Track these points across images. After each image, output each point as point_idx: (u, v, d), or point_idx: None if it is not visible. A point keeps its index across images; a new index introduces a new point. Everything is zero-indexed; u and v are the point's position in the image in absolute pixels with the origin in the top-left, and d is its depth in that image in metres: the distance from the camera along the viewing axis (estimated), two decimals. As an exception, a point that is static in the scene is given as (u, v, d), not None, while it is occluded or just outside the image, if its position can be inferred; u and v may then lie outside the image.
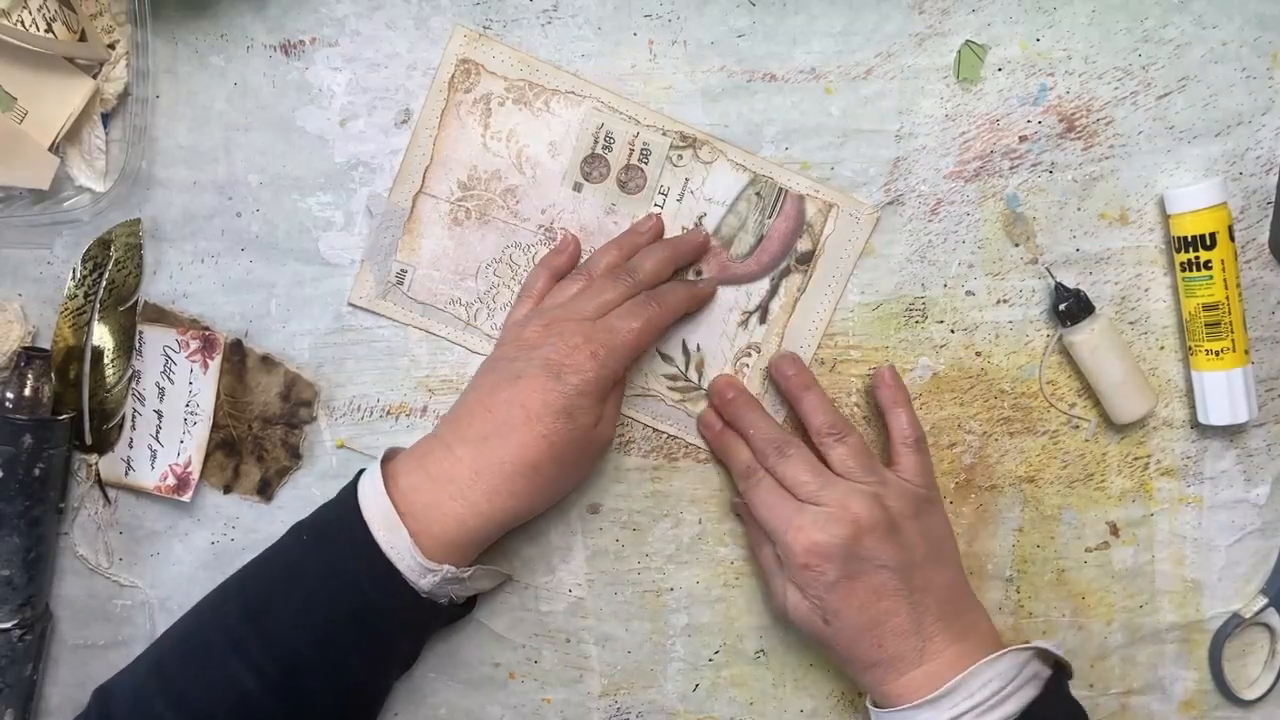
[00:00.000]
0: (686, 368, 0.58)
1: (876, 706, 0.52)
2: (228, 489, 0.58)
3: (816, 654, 0.59)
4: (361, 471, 0.52)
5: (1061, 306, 0.56)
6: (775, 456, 0.53)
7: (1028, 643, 0.51)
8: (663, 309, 0.54)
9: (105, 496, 0.58)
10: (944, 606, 0.51)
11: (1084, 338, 0.56)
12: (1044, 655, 0.51)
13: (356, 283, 0.57)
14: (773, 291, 0.57)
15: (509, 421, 0.50)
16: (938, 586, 0.52)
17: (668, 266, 0.55)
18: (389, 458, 0.53)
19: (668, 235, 0.57)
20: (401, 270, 0.57)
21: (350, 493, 0.51)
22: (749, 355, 0.57)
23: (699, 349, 0.58)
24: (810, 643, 0.58)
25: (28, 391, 0.54)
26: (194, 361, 0.57)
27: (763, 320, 0.57)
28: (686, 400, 0.58)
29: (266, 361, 0.57)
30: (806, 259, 0.57)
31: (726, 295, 0.57)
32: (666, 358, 0.58)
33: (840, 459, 0.53)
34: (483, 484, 0.50)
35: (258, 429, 0.58)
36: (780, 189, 0.57)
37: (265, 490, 0.58)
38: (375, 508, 0.50)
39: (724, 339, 0.57)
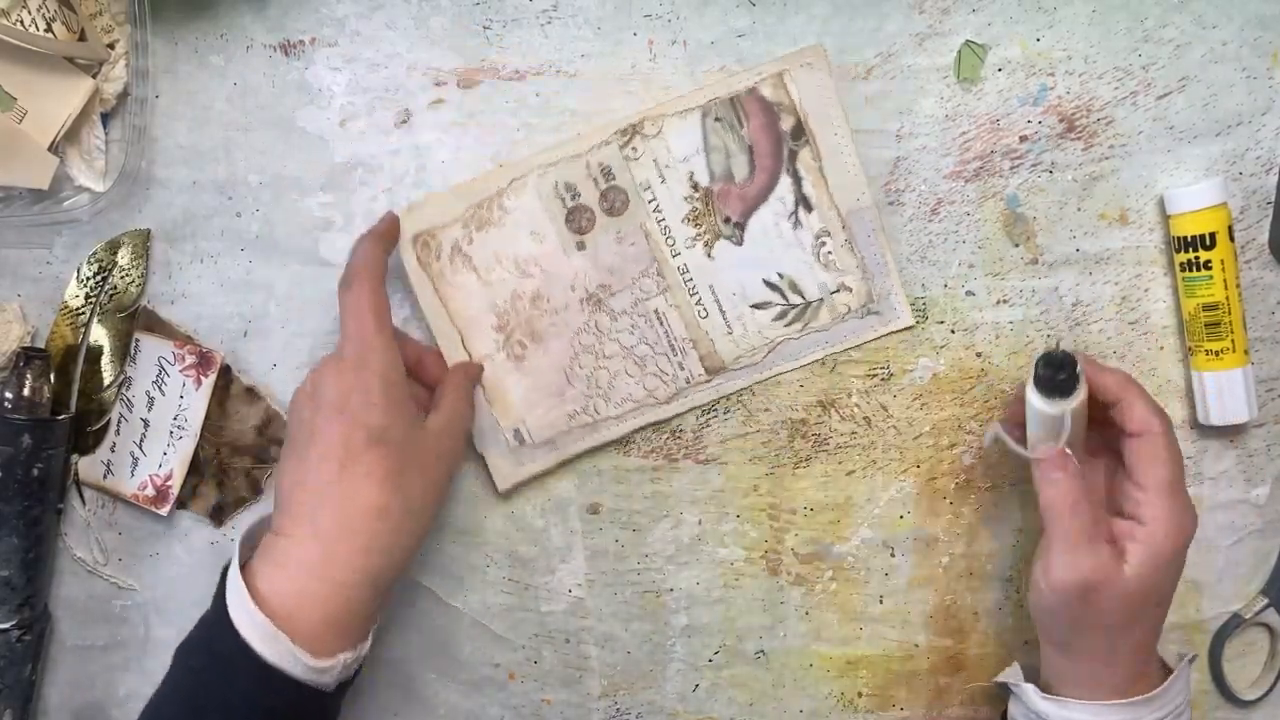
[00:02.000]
0: (786, 296, 0.57)
1: (1055, 693, 0.51)
2: (181, 504, 0.58)
3: (816, 654, 0.59)
4: (223, 580, 0.49)
5: (1062, 376, 0.48)
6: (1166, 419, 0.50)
7: (1186, 655, 0.52)
8: (358, 272, 0.51)
9: (81, 496, 0.58)
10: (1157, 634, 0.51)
11: (1078, 404, 0.49)
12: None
13: (495, 473, 0.57)
14: (796, 180, 0.56)
15: (326, 481, 0.47)
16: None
17: (375, 246, 0.52)
18: (246, 558, 0.49)
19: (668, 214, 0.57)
20: (514, 430, 0.57)
21: (222, 609, 0.47)
22: (839, 293, 0.57)
23: (781, 276, 0.57)
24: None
25: (26, 392, 0.54)
26: (187, 376, 0.57)
27: (809, 208, 0.56)
28: (803, 323, 0.57)
29: (250, 393, 0.57)
30: (799, 133, 0.56)
31: (767, 219, 0.56)
32: (763, 305, 0.57)
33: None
34: (339, 557, 0.47)
35: (225, 455, 0.58)
36: (731, 98, 0.56)
37: (218, 515, 0.58)
38: (249, 624, 0.46)
39: (800, 259, 0.56)
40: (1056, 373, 0.48)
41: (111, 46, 0.55)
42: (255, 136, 0.57)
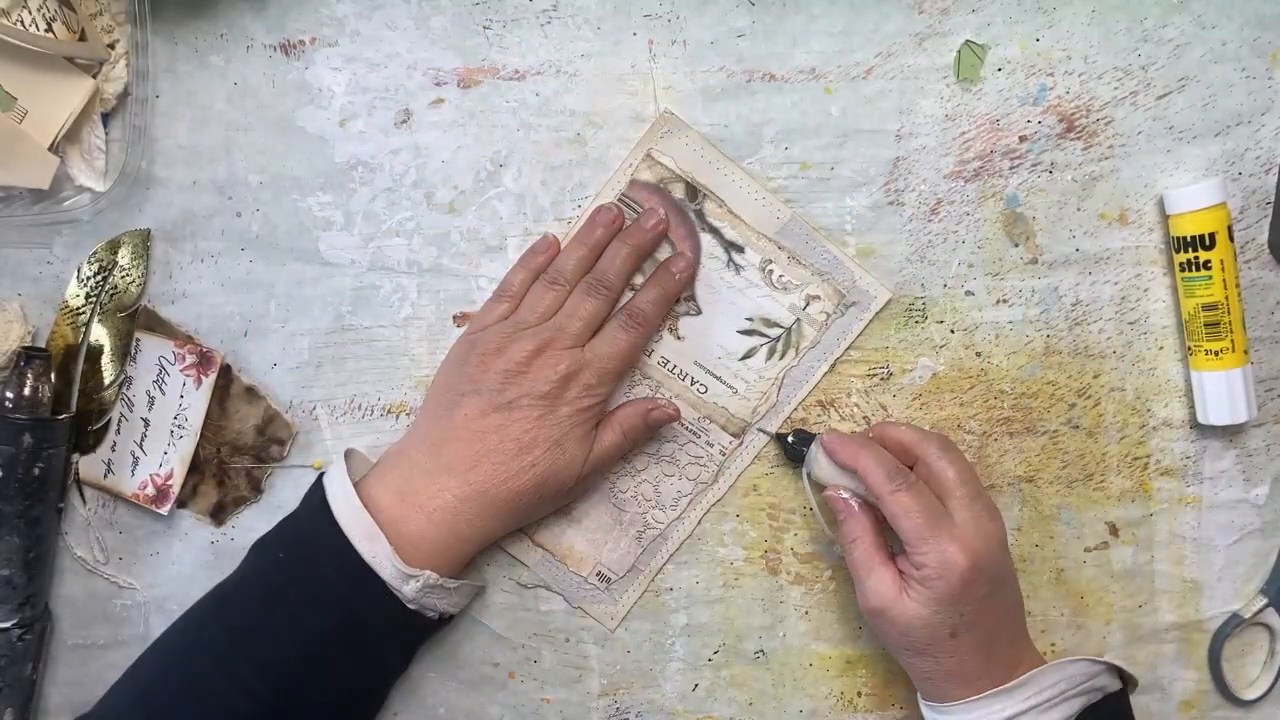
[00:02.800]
0: (765, 333, 0.58)
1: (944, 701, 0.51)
2: (181, 503, 0.58)
3: (816, 654, 0.59)
4: (319, 485, 0.53)
5: (790, 442, 0.56)
6: (903, 480, 0.51)
7: (1101, 656, 0.53)
8: (646, 327, 0.55)
9: (82, 496, 0.58)
10: (1021, 621, 0.53)
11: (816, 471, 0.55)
12: (1119, 672, 0.52)
13: (600, 619, 0.58)
14: (715, 233, 0.57)
15: (499, 452, 0.51)
16: (1020, 601, 0.54)
17: (635, 264, 0.56)
18: (357, 472, 0.53)
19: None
20: (596, 574, 0.58)
21: (322, 509, 0.51)
22: (810, 305, 0.57)
23: (751, 319, 0.57)
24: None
25: (27, 391, 0.54)
26: (188, 375, 0.57)
27: (740, 250, 0.57)
28: (794, 348, 0.57)
29: (251, 393, 0.57)
30: (694, 192, 0.56)
31: (711, 279, 0.57)
32: (750, 353, 0.57)
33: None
34: (467, 512, 0.51)
35: (225, 454, 0.58)
36: (620, 199, 0.56)
37: (218, 514, 0.58)
38: (353, 521, 0.50)
39: (759, 296, 0.57)
40: (786, 445, 0.57)
41: (111, 46, 0.55)
42: (255, 136, 0.57)
